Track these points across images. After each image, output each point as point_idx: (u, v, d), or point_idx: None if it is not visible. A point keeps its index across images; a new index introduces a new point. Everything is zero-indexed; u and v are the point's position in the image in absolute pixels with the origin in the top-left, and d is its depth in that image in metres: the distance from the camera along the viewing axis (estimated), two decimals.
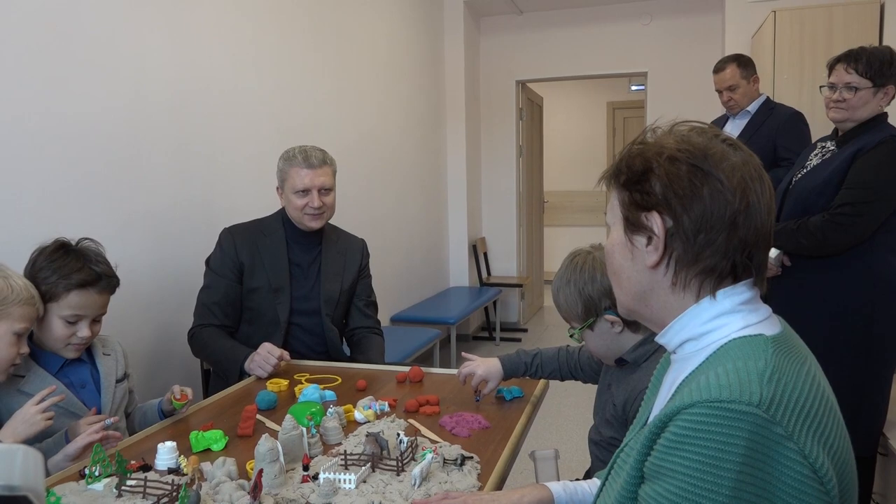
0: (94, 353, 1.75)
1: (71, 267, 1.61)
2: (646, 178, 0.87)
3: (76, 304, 1.61)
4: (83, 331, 1.63)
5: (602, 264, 1.45)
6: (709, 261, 0.85)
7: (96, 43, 2.22)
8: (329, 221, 2.43)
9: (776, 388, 0.74)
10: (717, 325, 0.85)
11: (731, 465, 0.70)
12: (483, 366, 1.80)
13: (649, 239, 0.87)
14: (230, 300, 2.30)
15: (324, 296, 2.39)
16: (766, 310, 0.88)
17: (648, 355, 1.47)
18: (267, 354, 2.10)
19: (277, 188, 2.37)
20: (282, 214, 2.40)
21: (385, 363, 2.37)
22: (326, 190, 2.32)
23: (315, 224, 2.33)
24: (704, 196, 0.83)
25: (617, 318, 1.46)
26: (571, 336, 1.54)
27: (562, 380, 1.84)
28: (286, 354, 2.14)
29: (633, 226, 0.89)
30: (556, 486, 1.22)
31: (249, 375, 2.14)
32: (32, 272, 1.61)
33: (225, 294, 2.29)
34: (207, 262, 2.35)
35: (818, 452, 0.73)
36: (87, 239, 1.72)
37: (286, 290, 2.33)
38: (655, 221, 0.86)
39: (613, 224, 0.94)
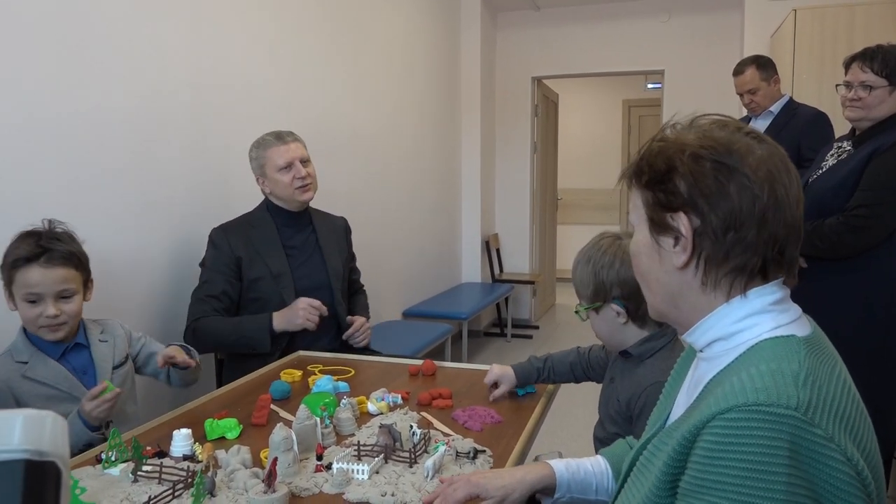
0: (90, 339, 1.75)
1: (16, 247, 1.60)
2: (669, 177, 0.84)
3: (25, 282, 1.59)
4: (49, 310, 1.60)
5: (625, 253, 1.43)
6: (739, 258, 0.83)
7: (115, 36, 2.23)
8: (317, 207, 2.50)
9: (812, 390, 0.73)
10: (748, 325, 0.83)
11: (780, 469, 0.69)
12: (499, 369, 1.80)
13: (676, 239, 0.85)
14: (228, 295, 2.30)
15: (331, 271, 2.44)
16: (796, 310, 0.86)
17: (654, 352, 1.46)
18: (308, 306, 2.18)
19: (258, 179, 2.42)
20: (266, 204, 2.44)
21: (392, 355, 2.39)
22: (306, 161, 2.39)
23: (307, 196, 2.39)
24: (731, 193, 0.81)
25: (622, 310, 1.45)
26: (576, 312, 1.54)
27: (577, 382, 1.83)
28: (324, 308, 2.23)
29: (658, 227, 0.87)
30: (558, 464, 1.21)
31: (279, 339, 2.22)
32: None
33: (223, 290, 2.29)
34: (202, 263, 2.35)
35: (854, 454, 0.72)
36: (56, 221, 1.70)
37: (287, 274, 2.36)
38: (682, 222, 0.84)
39: (638, 225, 0.91)
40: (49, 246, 1.61)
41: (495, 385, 1.81)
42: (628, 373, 1.50)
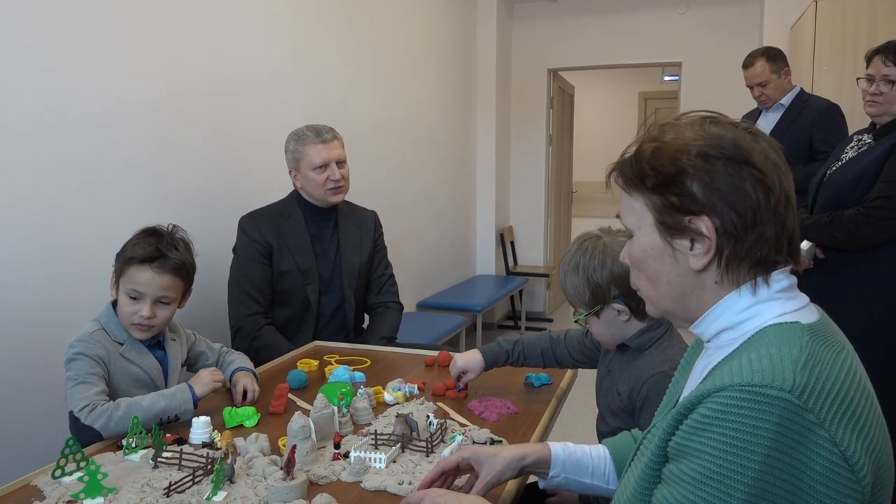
0: (165, 337, 1.79)
1: (138, 244, 1.66)
2: (680, 180, 0.83)
3: (133, 280, 1.64)
4: (144, 310, 1.64)
5: (612, 249, 1.41)
6: (759, 253, 0.82)
7: (135, 30, 2.25)
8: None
9: (810, 374, 0.73)
10: (754, 314, 0.84)
11: (759, 448, 0.70)
12: (462, 358, 1.77)
13: (692, 241, 0.84)
14: (266, 283, 2.32)
15: (345, 270, 2.42)
16: (803, 298, 0.86)
17: (652, 342, 1.44)
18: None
19: (291, 171, 2.39)
20: (296, 196, 2.42)
21: (399, 344, 2.40)
22: (342, 162, 2.35)
23: (337, 198, 2.36)
24: (748, 190, 0.81)
25: (624, 308, 1.43)
26: (576, 322, 1.51)
27: (544, 367, 1.81)
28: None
29: (672, 230, 0.85)
30: (556, 446, 1.20)
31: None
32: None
33: (260, 278, 2.31)
34: (234, 250, 2.37)
35: (850, 441, 0.72)
36: (179, 228, 1.76)
37: (314, 271, 2.36)
38: (703, 224, 0.82)
39: (640, 229, 0.89)
40: (166, 252, 1.66)
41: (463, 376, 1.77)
42: (627, 365, 1.48)
